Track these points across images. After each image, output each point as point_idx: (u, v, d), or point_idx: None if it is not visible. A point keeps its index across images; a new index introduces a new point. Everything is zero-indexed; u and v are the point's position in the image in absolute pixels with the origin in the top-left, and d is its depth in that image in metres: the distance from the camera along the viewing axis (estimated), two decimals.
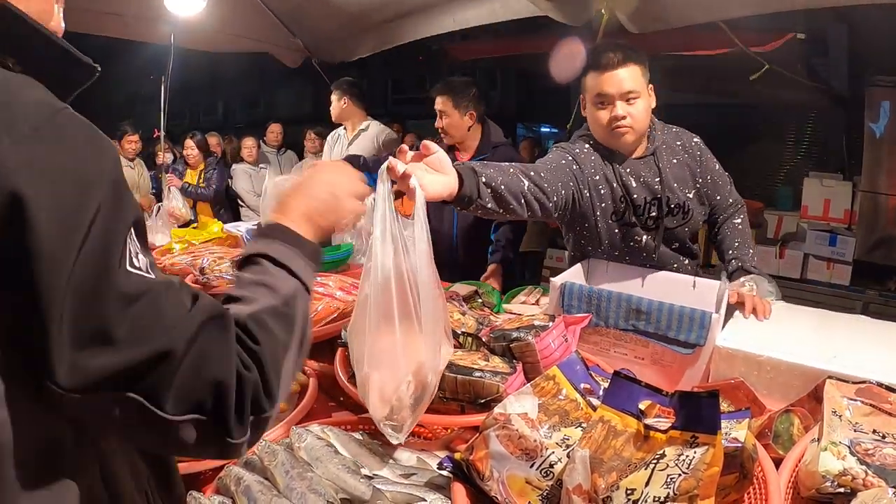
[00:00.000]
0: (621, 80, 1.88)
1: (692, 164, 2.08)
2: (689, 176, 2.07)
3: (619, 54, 1.87)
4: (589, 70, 1.95)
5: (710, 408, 0.92)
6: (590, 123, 2.04)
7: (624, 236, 2.10)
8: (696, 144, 2.10)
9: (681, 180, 2.05)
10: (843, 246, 4.21)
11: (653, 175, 2.02)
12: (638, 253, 2.12)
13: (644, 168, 2.02)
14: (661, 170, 2.01)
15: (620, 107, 1.90)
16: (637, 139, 2.00)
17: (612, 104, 1.91)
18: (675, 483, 0.87)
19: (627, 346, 1.72)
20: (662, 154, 2.03)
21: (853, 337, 1.61)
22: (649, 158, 2.03)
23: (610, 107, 1.92)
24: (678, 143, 2.08)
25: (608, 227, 2.06)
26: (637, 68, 1.90)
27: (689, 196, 2.06)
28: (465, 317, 1.71)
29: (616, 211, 2.05)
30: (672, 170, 2.04)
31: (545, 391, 1.15)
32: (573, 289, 1.76)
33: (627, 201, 2.02)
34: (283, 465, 1.12)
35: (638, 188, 2.02)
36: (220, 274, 2.30)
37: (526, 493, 1.02)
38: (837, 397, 1.13)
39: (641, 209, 2.03)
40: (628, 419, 1.01)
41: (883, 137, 3.94)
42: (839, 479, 0.95)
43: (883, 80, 3.93)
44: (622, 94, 1.89)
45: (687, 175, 2.06)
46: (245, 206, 5.82)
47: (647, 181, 2.02)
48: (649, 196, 2.03)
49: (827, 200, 4.47)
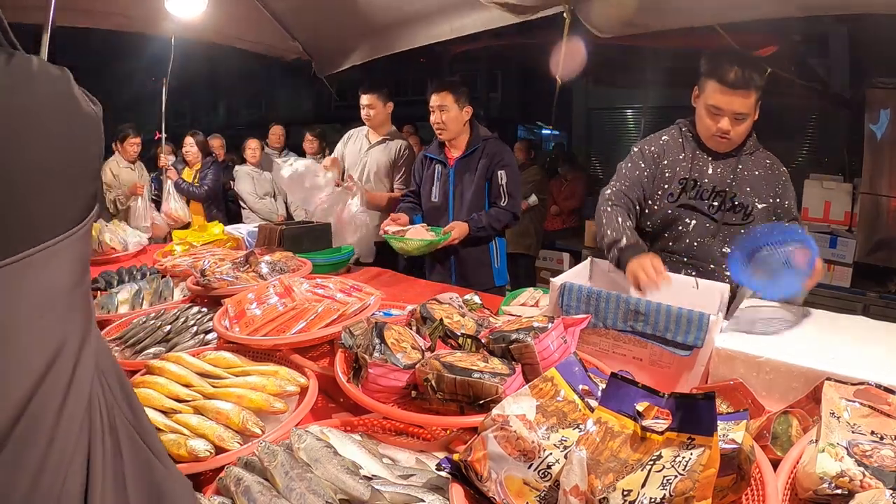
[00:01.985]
0: (740, 103, 2.00)
1: (774, 182, 2.16)
2: (767, 190, 2.15)
3: (746, 77, 1.96)
4: (713, 77, 2.02)
5: (706, 409, 0.92)
6: (697, 118, 2.17)
7: (675, 219, 2.21)
8: (782, 171, 2.19)
9: (756, 188, 2.14)
10: (844, 248, 4.21)
11: (729, 171, 2.15)
12: (682, 239, 2.22)
13: (724, 164, 2.16)
14: (738, 170, 2.13)
15: (728, 123, 2.04)
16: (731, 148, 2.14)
17: (722, 118, 2.04)
18: (671, 484, 0.87)
19: (626, 347, 1.73)
20: (746, 160, 2.16)
21: (852, 338, 1.61)
22: (732, 158, 2.15)
23: (719, 119, 2.05)
24: (767, 161, 2.18)
25: (662, 207, 2.21)
26: (754, 94, 2.00)
27: (757, 204, 2.14)
28: (464, 318, 1.72)
29: (674, 192, 2.20)
30: (750, 176, 2.15)
31: (543, 393, 1.16)
32: (572, 289, 1.76)
33: (695, 184, 2.17)
34: (282, 466, 1.13)
35: (711, 176, 2.16)
36: (221, 276, 2.31)
37: (524, 493, 1.02)
38: (836, 399, 1.13)
39: (707, 195, 2.16)
40: (625, 420, 1.01)
41: (883, 140, 3.95)
42: (837, 480, 0.95)
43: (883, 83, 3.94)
44: (734, 114, 2.02)
45: (764, 187, 2.14)
46: (246, 207, 5.82)
47: (721, 174, 2.16)
48: (719, 187, 2.15)
49: (827, 202, 4.48)
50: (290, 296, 1.93)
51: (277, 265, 2.50)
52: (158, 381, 1.55)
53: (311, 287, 2.10)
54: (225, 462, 1.26)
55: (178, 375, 1.57)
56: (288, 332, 1.75)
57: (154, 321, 2.07)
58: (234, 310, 1.94)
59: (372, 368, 1.41)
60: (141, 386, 1.55)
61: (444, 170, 3.29)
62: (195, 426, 1.36)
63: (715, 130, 2.07)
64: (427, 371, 1.36)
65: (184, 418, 1.40)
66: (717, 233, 2.18)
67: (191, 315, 2.11)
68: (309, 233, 3.31)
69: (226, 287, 2.22)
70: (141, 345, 1.94)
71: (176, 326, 2.03)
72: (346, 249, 3.27)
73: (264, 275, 2.40)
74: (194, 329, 2.03)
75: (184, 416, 1.41)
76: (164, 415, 1.44)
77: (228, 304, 1.98)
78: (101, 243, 3.53)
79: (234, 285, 2.24)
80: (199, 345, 1.94)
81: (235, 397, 1.46)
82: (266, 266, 2.47)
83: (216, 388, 1.54)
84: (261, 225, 3.51)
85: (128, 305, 2.43)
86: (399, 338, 1.53)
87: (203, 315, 2.11)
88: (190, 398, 1.50)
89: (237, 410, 1.40)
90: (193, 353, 1.73)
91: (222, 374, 1.62)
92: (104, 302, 2.43)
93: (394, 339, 1.51)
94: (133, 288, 2.54)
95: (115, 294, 2.48)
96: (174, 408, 1.46)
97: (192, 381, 1.56)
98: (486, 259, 3.25)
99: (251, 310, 1.89)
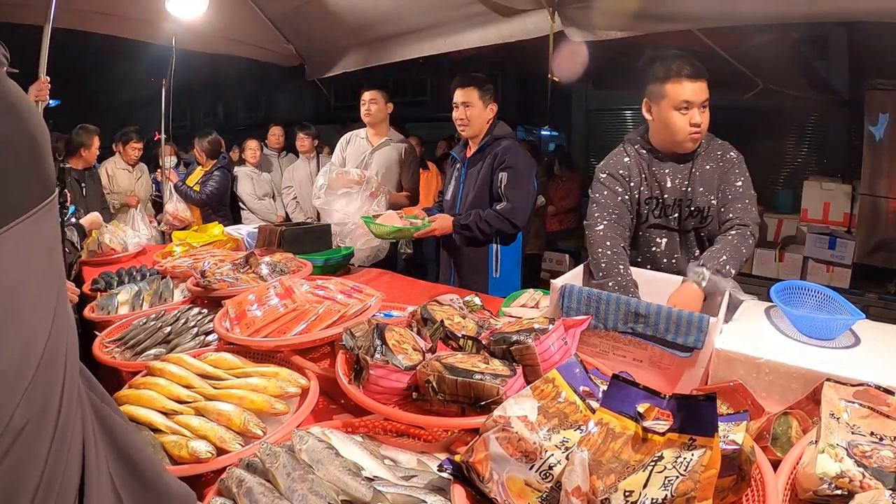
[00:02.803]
0: (704, 90, 2.08)
1: (724, 170, 2.16)
2: (718, 182, 2.15)
3: (698, 66, 2.06)
4: (671, 77, 2.07)
5: (707, 410, 0.92)
6: (660, 127, 2.16)
7: (647, 241, 2.23)
8: (730, 157, 2.17)
9: (709, 185, 2.14)
10: (843, 249, 4.22)
11: (685, 177, 2.16)
12: (658, 260, 2.24)
13: (680, 171, 2.16)
14: (692, 173, 2.14)
15: (698, 114, 2.08)
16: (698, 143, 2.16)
17: (692, 110, 2.07)
18: (672, 485, 0.87)
19: (626, 348, 1.73)
20: (700, 160, 2.16)
21: (852, 339, 1.62)
22: (688, 163, 2.16)
23: (691, 113, 2.07)
24: (718, 152, 2.18)
25: (633, 230, 2.23)
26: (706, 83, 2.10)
27: (712, 202, 2.14)
28: (465, 320, 1.72)
29: (642, 213, 2.22)
30: (702, 174, 2.14)
31: (544, 394, 1.16)
32: (573, 291, 1.77)
33: (658, 202, 2.18)
34: (284, 468, 1.13)
35: (670, 189, 2.16)
36: (222, 277, 2.31)
37: (525, 494, 1.02)
38: (835, 400, 1.13)
39: (669, 209, 2.18)
40: (626, 421, 1.02)
41: (882, 141, 3.95)
42: (837, 481, 0.95)
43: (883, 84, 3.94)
44: (702, 102, 2.08)
45: (715, 180, 2.14)
46: (246, 208, 5.82)
47: (679, 182, 2.16)
48: (677, 196, 2.16)
49: (827, 204, 4.48)
50: (290, 297, 1.93)
51: (278, 266, 2.51)
52: (159, 382, 1.55)
53: (311, 288, 2.10)
54: (226, 463, 1.26)
55: (178, 377, 1.57)
56: (289, 333, 1.75)
57: (154, 322, 2.07)
58: (235, 311, 1.94)
59: (373, 370, 1.41)
60: (141, 387, 1.55)
61: (459, 167, 3.28)
62: (196, 427, 1.36)
63: (689, 127, 2.09)
64: (428, 372, 1.36)
65: (185, 420, 1.40)
66: (683, 243, 2.21)
67: (191, 316, 2.12)
68: (309, 234, 3.31)
69: (226, 288, 2.23)
70: (141, 346, 1.94)
71: (176, 328, 2.03)
72: (346, 250, 3.27)
73: (264, 276, 2.40)
74: (195, 330, 2.03)
75: (185, 418, 1.41)
76: (165, 416, 1.44)
77: (229, 306, 1.99)
78: (100, 244, 3.53)
79: (234, 286, 2.24)
80: (200, 346, 1.94)
81: (236, 399, 1.46)
82: (266, 267, 2.47)
83: (217, 389, 1.54)
84: (261, 226, 3.51)
85: (128, 306, 2.43)
86: (400, 339, 1.54)
87: (203, 316, 2.11)
88: (191, 399, 1.50)
89: (238, 412, 1.40)
90: (194, 355, 1.74)
91: (223, 376, 1.62)
92: (104, 303, 2.43)
93: (395, 341, 1.51)
94: (133, 289, 2.54)
95: (115, 295, 2.49)
96: (175, 409, 1.46)
97: (193, 382, 1.57)
98: (483, 266, 3.16)
99: (252, 311, 1.90)
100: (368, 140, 3.95)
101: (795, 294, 1.82)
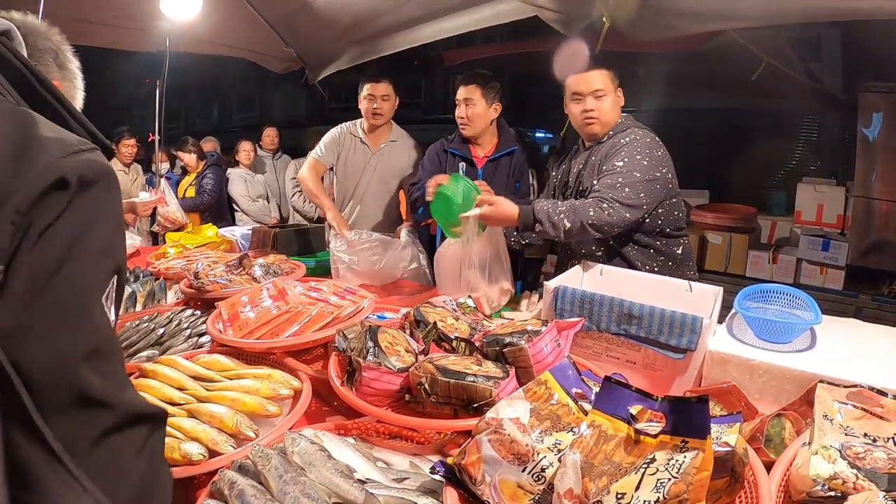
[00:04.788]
0: (595, 79, 2.27)
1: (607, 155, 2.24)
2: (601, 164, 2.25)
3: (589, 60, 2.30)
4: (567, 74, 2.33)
5: (699, 412, 0.92)
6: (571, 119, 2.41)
7: None
8: (626, 142, 2.22)
9: (591, 168, 2.29)
10: (837, 251, 4.21)
11: (581, 162, 2.36)
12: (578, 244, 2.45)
13: (584, 157, 2.36)
14: (588, 159, 2.32)
15: (591, 102, 2.28)
16: (603, 131, 2.32)
17: (585, 99, 2.29)
18: (665, 487, 0.87)
19: (619, 350, 1.73)
20: (601, 146, 2.29)
21: (845, 341, 1.62)
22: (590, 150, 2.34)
23: (582, 102, 2.30)
24: (624, 140, 2.24)
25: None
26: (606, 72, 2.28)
27: (593, 183, 2.22)
28: (458, 322, 1.72)
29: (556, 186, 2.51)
30: (596, 159, 2.27)
31: (537, 396, 1.16)
32: (566, 293, 1.76)
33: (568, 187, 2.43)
34: (276, 470, 1.12)
35: (574, 174, 2.40)
36: (215, 278, 2.30)
37: (518, 497, 1.02)
38: (829, 401, 1.13)
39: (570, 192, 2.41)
40: (619, 424, 1.02)
41: (876, 143, 3.95)
42: (830, 482, 0.95)
43: (876, 86, 3.95)
44: (593, 91, 2.27)
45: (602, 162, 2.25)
46: (240, 209, 5.81)
47: (579, 169, 2.36)
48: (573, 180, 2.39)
49: (820, 205, 4.49)
50: (283, 299, 1.93)
51: (271, 268, 2.50)
52: (151, 384, 1.54)
53: (304, 290, 2.10)
54: (218, 466, 1.25)
55: (171, 378, 1.57)
56: (282, 335, 1.74)
57: (147, 324, 2.06)
58: (228, 313, 1.93)
59: (366, 372, 1.41)
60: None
61: (471, 169, 3.02)
62: (188, 429, 1.36)
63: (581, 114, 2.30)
64: (421, 374, 1.36)
65: (177, 422, 1.39)
66: None
67: (184, 318, 2.11)
68: (302, 235, 3.30)
69: (219, 290, 2.22)
70: (134, 347, 1.93)
71: (169, 329, 2.02)
72: None
73: (258, 277, 2.40)
74: (188, 332, 2.02)
75: (177, 420, 1.40)
76: None
77: (222, 307, 1.98)
78: None
79: (227, 288, 2.24)
80: (193, 348, 1.93)
81: (229, 401, 1.46)
82: (260, 269, 2.46)
83: (210, 391, 1.53)
84: (254, 227, 3.50)
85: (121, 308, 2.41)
86: (393, 341, 1.53)
87: (196, 318, 2.10)
88: (183, 401, 1.50)
89: (231, 414, 1.39)
90: (187, 356, 1.73)
91: (216, 378, 1.61)
92: None
93: (387, 343, 1.51)
94: (126, 290, 2.53)
95: None
96: (167, 411, 1.45)
97: (186, 384, 1.56)
98: None
99: (245, 313, 1.89)
100: (367, 143, 3.47)
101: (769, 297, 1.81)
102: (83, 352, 0.67)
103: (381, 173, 3.47)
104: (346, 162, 3.48)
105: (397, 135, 3.52)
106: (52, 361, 0.65)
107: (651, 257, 2.30)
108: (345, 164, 3.49)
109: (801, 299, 1.76)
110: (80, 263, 0.68)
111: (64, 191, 0.66)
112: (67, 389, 0.66)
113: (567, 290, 1.77)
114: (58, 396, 0.65)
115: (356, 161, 3.47)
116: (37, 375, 0.63)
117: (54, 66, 1.10)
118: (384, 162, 3.46)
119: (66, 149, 0.69)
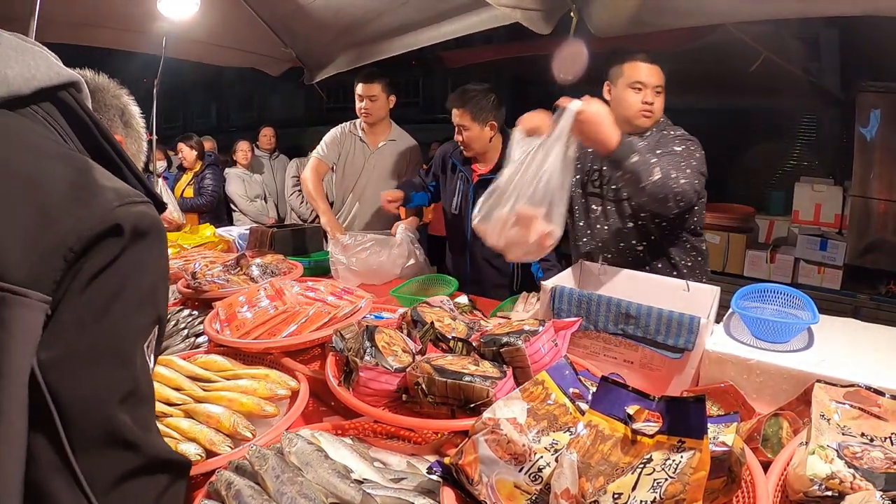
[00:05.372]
0: (659, 75, 2.24)
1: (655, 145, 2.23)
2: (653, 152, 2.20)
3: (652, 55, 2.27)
4: (628, 60, 2.26)
5: (696, 412, 0.92)
6: (615, 105, 2.28)
7: (586, 209, 2.40)
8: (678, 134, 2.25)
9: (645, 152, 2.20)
10: (834, 250, 4.22)
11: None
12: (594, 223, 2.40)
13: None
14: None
15: (651, 95, 2.23)
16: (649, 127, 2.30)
17: (646, 91, 2.23)
18: (661, 487, 0.87)
19: (617, 350, 1.73)
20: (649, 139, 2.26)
21: (842, 340, 1.62)
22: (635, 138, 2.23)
23: (644, 93, 2.23)
24: (675, 132, 2.26)
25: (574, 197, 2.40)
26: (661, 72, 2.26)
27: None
28: (455, 322, 1.72)
29: (582, 181, 2.41)
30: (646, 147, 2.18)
31: (534, 396, 1.16)
32: (563, 292, 1.76)
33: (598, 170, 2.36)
34: (273, 470, 1.12)
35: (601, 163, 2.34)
36: (212, 278, 2.30)
37: (515, 497, 1.02)
38: (826, 401, 1.13)
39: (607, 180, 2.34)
40: (616, 424, 1.02)
41: (873, 142, 3.96)
42: (827, 482, 0.95)
43: (873, 86, 3.95)
44: (655, 86, 2.23)
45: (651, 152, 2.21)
46: (237, 209, 5.80)
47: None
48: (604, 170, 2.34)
49: (818, 205, 4.50)
50: (280, 299, 1.93)
51: (268, 268, 2.50)
52: None
53: (302, 290, 2.09)
54: (216, 466, 1.25)
55: (168, 379, 1.56)
56: (279, 335, 1.74)
57: None
58: (225, 313, 1.93)
59: (363, 372, 1.40)
60: None
61: (465, 187, 2.98)
62: (186, 430, 1.35)
63: (640, 105, 2.24)
64: (418, 374, 1.36)
65: (174, 422, 1.39)
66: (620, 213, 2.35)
67: (181, 318, 2.10)
68: (300, 235, 3.30)
69: (217, 290, 2.21)
70: None
71: (167, 329, 2.02)
72: None
73: (255, 277, 2.39)
74: (185, 332, 2.02)
75: (174, 420, 1.40)
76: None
77: (219, 307, 1.97)
78: None
79: (224, 288, 2.23)
80: (190, 348, 1.93)
81: (226, 401, 1.46)
82: (257, 269, 2.46)
83: (207, 391, 1.53)
84: (252, 227, 3.49)
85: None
86: (390, 341, 1.53)
87: (194, 318, 2.10)
88: (180, 402, 1.50)
89: (228, 414, 1.39)
90: (184, 357, 1.72)
91: (213, 378, 1.61)
92: None
93: (385, 343, 1.51)
94: None
95: None
96: (164, 411, 1.45)
97: (183, 384, 1.56)
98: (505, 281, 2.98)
99: (242, 313, 1.89)
100: (366, 141, 3.49)
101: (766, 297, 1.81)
102: (121, 393, 0.69)
103: (381, 172, 3.48)
104: (346, 160, 3.51)
105: (396, 134, 3.54)
106: (89, 398, 0.66)
107: (687, 252, 2.34)
108: (345, 162, 3.51)
109: (799, 299, 1.76)
110: (127, 309, 0.70)
111: (118, 237, 0.68)
112: (100, 427, 0.67)
113: (564, 289, 1.77)
114: (89, 433, 0.66)
115: (356, 159, 3.50)
116: (73, 409, 0.64)
117: (119, 122, 1.21)
118: (383, 161, 3.48)
119: (122, 198, 0.71)
